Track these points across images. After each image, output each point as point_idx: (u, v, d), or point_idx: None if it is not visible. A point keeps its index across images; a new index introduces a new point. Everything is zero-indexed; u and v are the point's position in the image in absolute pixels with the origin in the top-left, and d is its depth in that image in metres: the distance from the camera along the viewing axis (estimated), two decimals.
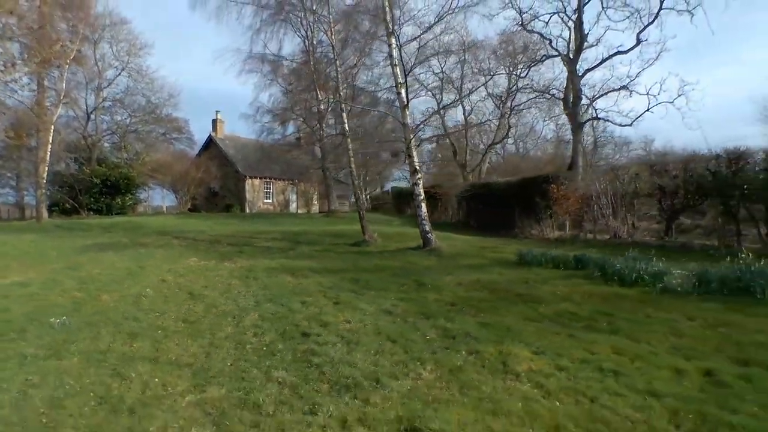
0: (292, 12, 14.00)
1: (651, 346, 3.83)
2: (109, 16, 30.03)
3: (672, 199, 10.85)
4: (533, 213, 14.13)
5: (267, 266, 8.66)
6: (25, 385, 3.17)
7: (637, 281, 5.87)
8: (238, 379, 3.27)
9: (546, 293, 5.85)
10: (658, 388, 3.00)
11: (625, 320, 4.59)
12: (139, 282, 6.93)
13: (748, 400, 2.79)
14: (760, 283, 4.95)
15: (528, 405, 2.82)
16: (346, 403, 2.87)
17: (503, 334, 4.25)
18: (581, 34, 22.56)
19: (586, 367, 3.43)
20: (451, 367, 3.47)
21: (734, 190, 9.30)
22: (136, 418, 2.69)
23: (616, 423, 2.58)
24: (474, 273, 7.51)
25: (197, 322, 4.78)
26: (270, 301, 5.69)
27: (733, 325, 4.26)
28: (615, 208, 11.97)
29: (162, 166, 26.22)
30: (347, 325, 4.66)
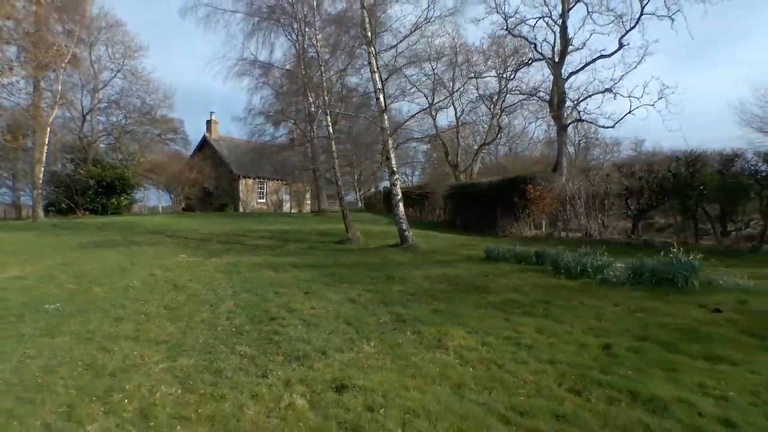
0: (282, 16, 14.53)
1: (571, 327, 4.39)
2: (104, 18, 30.56)
3: (638, 199, 11.45)
4: (512, 212, 14.70)
5: (252, 262, 9.22)
6: (23, 356, 3.71)
7: (582, 274, 6.45)
8: (206, 353, 3.82)
9: (499, 285, 6.42)
10: (558, 358, 3.56)
11: (559, 307, 5.16)
12: (129, 276, 7.46)
13: (626, 366, 3.35)
14: (683, 273, 5.53)
15: (444, 370, 3.38)
16: (293, 369, 3.42)
17: (448, 319, 4.81)
18: (565, 38, 23.15)
19: (507, 342, 3.99)
20: (392, 344, 4.03)
21: (692, 190, 9.90)
22: (116, 379, 3.24)
23: (511, 382, 3.15)
24: (442, 268, 8.07)
25: (178, 308, 5.33)
26: (247, 291, 6.24)
27: (649, 309, 4.83)
28: (587, 207, 12.57)
29: (157, 167, 26.73)
30: (312, 311, 5.21)
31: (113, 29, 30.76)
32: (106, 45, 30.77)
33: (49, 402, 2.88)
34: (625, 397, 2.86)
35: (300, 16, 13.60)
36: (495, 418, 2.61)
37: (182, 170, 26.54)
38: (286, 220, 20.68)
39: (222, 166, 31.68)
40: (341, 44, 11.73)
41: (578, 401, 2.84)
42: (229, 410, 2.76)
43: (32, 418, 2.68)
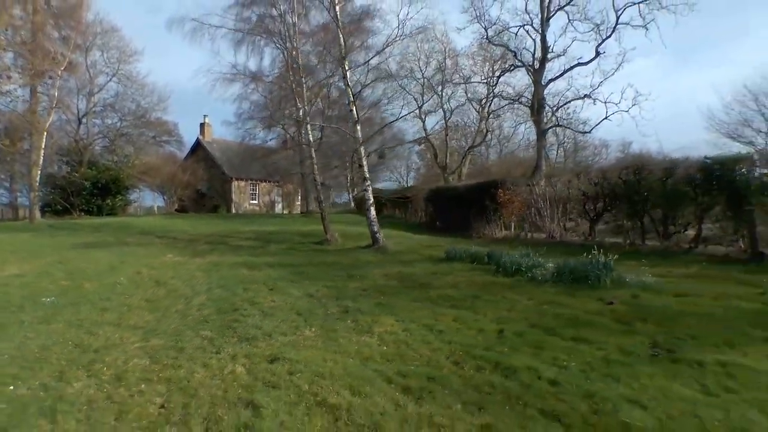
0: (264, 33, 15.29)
1: (483, 317, 5.25)
2: (100, 24, 31.29)
3: (594, 204, 12.33)
4: (485, 215, 15.57)
5: (232, 262, 10.07)
6: (24, 338, 4.56)
7: (516, 272, 7.31)
8: (175, 335, 4.67)
9: (443, 282, 7.28)
10: (457, 340, 4.42)
11: (484, 300, 6.02)
12: (118, 273, 8.31)
13: (506, 345, 4.21)
14: (596, 273, 6.40)
15: (361, 348, 4.23)
16: (242, 347, 4.27)
17: (385, 310, 5.66)
18: (545, 46, 24.08)
19: (424, 328, 4.85)
20: (329, 330, 4.88)
21: (639, 196, 10.79)
22: (98, 354, 4.09)
23: (410, 356, 4.00)
24: (401, 267, 8.93)
25: (157, 301, 6.18)
26: (221, 287, 7.09)
27: (556, 302, 5.70)
28: (551, 211, 13.46)
29: (151, 169, 27.52)
30: (272, 303, 6.06)
31: (108, 34, 31.52)
32: (101, 50, 31.52)
33: (45, 369, 3.73)
34: (490, 366, 3.72)
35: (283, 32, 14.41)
36: (381, 379, 3.47)
37: (176, 173, 27.36)
38: (274, 222, 21.50)
39: (215, 168, 32.50)
40: (321, 57, 12.53)
41: (453, 369, 3.70)
42: (183, 375, 3.61)
43: (32, 380, 3.53)
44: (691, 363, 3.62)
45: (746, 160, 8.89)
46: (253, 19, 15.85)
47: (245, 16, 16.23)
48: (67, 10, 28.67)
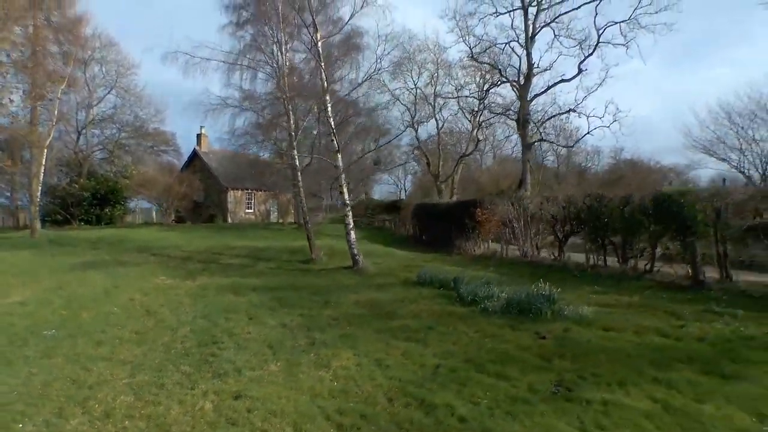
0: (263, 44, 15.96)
1: (429, 350, 6.00)
2: (99, 38, 32.12)
3: (563, 226, 13.10)
4: (465, 232, 16.36)
5: (219, 285, 10.83)
6: (29, 374, 5.31)
7: (472, 302, 8.07)
8: (158, 371, 5.43)
9: (407, 311, 8.03)
10: (398, 375, 5.16)
11: (437, 332, 6.77)
12: (112, 301, 9.07)
13: (438, 381, 4.96)
14: (537, 306, 7.16)
15: (314, 384, 4.97)
16: (213, 383, 5.03)
17: (347, 343, 6.41)
18: (530, 62, 24.89)
19: (374, 363, 5.60)
20: (293, 364, 5.63)
21: (600, 221, 11.57)
22: (92, 391, 4.84)
23: (353, 393, 4.75)
24: (374, 292, 9.69)
25: (145, 333, 6.94)
26: (204, 317, 7.84)
27: (497, 336, 6.45)
28: (524, 231, 14.23)
29: (148, 181, 28.29)
30: (248, 335, 6.82)
31: (107, 48, 32.35)
32: (100, 63, 32.38)
33: (47, 406, 4.49)
34: (416, 403, 4.48)
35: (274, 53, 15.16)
36: (322, 417, 4.22)
37: (172, 184, 28.12)
38: (265, 235, 22.27)
39: (211, 179, 33.29)
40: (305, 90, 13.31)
41: (386, 406, 4.45)
42: (161, 411, 4.36)
43: (36, 417, 4.28)
44: (581, 401, 4.37)
45: (690, 194, 9.65)
46: (246, 38, 16.62)
47: (239, 35, 17.02)
48: (66, 26, 29.44)
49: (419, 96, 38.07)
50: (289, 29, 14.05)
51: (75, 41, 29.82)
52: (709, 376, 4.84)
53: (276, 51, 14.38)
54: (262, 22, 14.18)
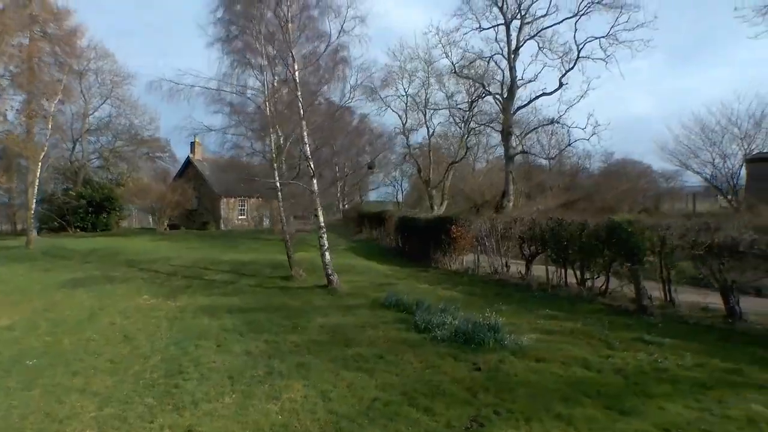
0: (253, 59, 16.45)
1: (374, 382, 6.62)
2: (94, 50, 32.74)
3: (529, 246, 13.73)
4: (441, 247, 16.99)
5: (198, 306, 11.47)
6: (9, 407, 5.95)
7: (426, 329, 8.70)
8: (124, 403, 6.07)
9: (366, 337, 8.66)
10: (336, 408, 5.79)
11: (386, 362, 7.39)
12: (94, 325, 9.72)
13: (369, 416, 5.59)
14: (479, 336, 7.79)
15: (260, 418, 5.59)
16: (171, 417, 5.66)
17: (302, 372, 7.05)
18: (513, 76, 25.49)
19: (320, 395, 6.22)
20: (247, 395, 6.27)
21: (560, 244, 12.20)
22: (62, 425, 5.48)
23: (293, 427, 5.38)
24: (341, 316, 10.33)
25: (119, 362, 7.58)
26: (176, 344, 8.47)
27: (438, 368, 7.07)
28: (495, 249, 14.87)
29: (141, 191, 28.94)
30: (212, 364, 7.46)
31: (102, 59, 32.95)
32: (96, 74, 33.00)
33: None
34: None
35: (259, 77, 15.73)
36: None
37: (164, 194, 28.78)
38: (254, 246, 22.92)
39: (204, 186, 33.92)
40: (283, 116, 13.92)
41: None
42: None
43: None
44: None
45: (637, 223, 10.28)
46: (246, 44, 17.14)
47: (228, 50, 17.60)
48: (62, 38, 30.03)
49: (410, 103, 38.66)
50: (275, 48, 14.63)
51: (71, 53, 30.37)
52: (609, 412, 5.46)
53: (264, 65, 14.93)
54: (252, 36, 14.76)
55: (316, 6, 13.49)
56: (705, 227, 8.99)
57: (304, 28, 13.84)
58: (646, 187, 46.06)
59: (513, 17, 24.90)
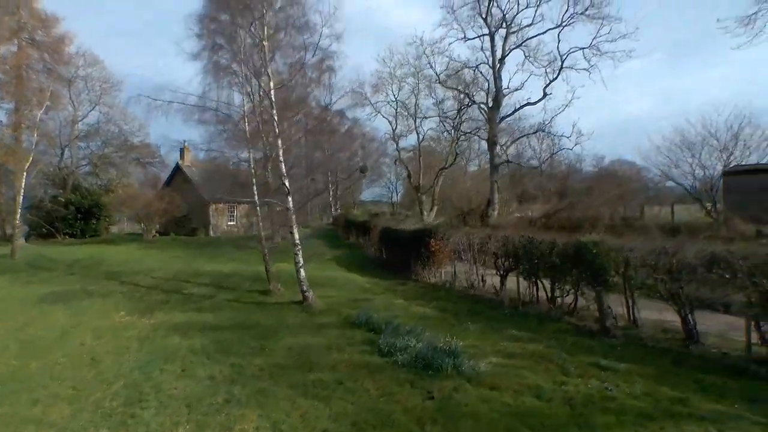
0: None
1: (329, 410, 6.74)
2: (83, 57, 32.77)
3: (503, 262, 13.88)
4: (421, 260, 17.14)
5: (173, 323, 11.58)
6: None
7: (389, 353, 8.83)
8: None
9: (329, 360, 8.78)
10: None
11: (344, 389, 7.51)
12: (64, 346, 9.82)
13: None
14: (439, 361, 7.93)
15: None
16: None
17: (260, 400, 7.16)
18: (498, 86, 25.66)
19: (271, 426, 6.34)
20: (201, 426, 6.39)
21: (531, 262, 12.36)
22: None
23: None
24: (311, 335, 10.45)
25: (82, 389, 7.68)
26: (142, 368, 8.57)
27: (393, 396, 7.19)
28: (473, 263, 15.02)
29: (129, 198, 28.99)
30: (174, 391, 7.57)
31: (91, 66, 32.98)
32: (84, 81, 33.02)
33: None
34: None
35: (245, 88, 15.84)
36: None
37: (152, 201, 28.83)
38: (238, 255, 23.05)
39: (194, 192, 33.97)
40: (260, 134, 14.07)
41: None
42: None
43: None
44: None
45: (602, 244, 10.44)
46: (222, 63, 17.27)
47: (214, 60, 17.70)
48: (51, 45, 30.05)
49: (400, 109, 38.79)
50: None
51: (59, 60, 30.39)
52: None
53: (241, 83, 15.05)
54: (228, 53, 14.87)
55: (292, 25, 13.61)
56: (664, 251, 9.15)
57: (279, 46, 13.96)
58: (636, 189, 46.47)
59: (498, 27, 25.10)
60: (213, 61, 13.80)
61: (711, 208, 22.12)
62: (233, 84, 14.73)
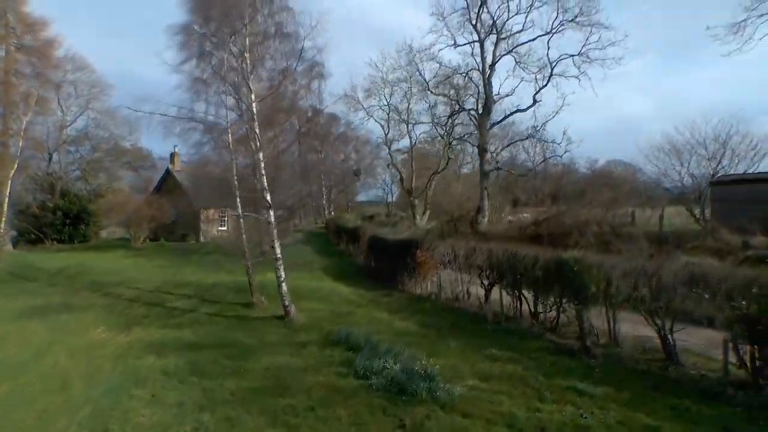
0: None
1: None
2: (71, 61, 32.46)
3: (487, 276, 13.77)
4: (408, 270, 17.00)
5: (150, 340, 11.41)
6: None
7: (365, 376, 8.68)
8: None
9: (305, 383, 8.60)
10: None
11: (315, 416, 7.34)
12: (38, 367, 9.65)
13: None
14: (414, 386, 7.80)
15: None
16: None
17: (227, 428, 7.02)
18: (489, 93, 25.54)
19: None
20: None
21: (514, 276, 12.25)
22: None
23: None
24: (289, 354, 10.29)
25: (46, 417, 7.50)
26: (111, 392, 8.41)
27: (364, 424, 7.06)
28: (457, 276, 14.90)
29: (117, 205, 28.73)
30: (141, 419, 7.40)
31: (80, 71, 32.69)
32: (73, 85, 32.72)
33: None
34: None
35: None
36: None
37: (141, 208, 28.57)
38: (225, 264, 22.75)
39: (184, 197, 33.71)
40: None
41: None
42: None
43: None
44: None
45: (583, 261, 10.34)
46: (204, 76, 17.09)
47: (202, 67, 17.52)
48: (39, 49, 29.76)
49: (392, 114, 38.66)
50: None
51: (47, 64, 30.14)
52: None
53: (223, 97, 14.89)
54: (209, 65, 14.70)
55: (280, 33, 13.44)
56: (643, 272, 9.05)
57: (266, 54, 13.81)
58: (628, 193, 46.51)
59: (488, 34, 24.97)
60: (194, 75, 13.62)
61: (699, 215, 22.05)
62: (217, 94, 14.55)
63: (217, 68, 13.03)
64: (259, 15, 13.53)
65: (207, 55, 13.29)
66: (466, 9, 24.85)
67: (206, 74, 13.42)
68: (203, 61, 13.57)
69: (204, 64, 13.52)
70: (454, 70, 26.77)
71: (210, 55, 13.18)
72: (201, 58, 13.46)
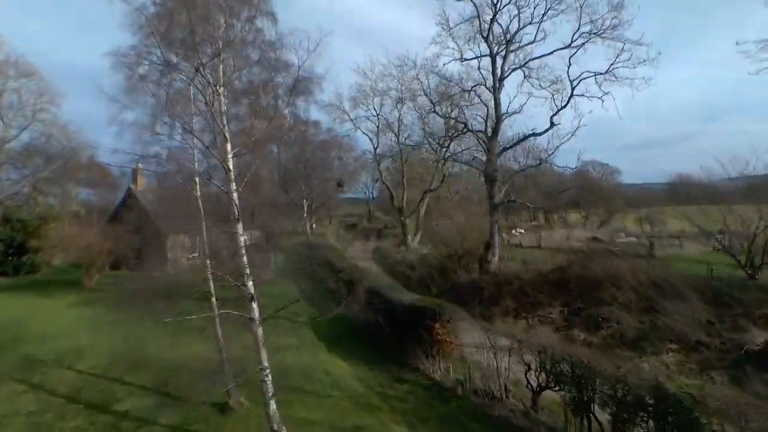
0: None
1: None
2: (15, 65, 28.03)
3: (536, 374, 10.70)
4: (421, 345, 13.82)
5: None
6: None
7: None
8: None
9: None
10: None
11: None
12: None
13: None
14: None
15: None
16: None
17: None
18: (498, 113, 22.49)
19: None
20: None
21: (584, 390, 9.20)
22: None
23: None
24: None
25: None
26: None
27: None
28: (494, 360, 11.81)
29: (64, 240, 24.63)
30: None
31: (25, 77, 28.30)
32: (17, 93, 28.26)
33: None
34: None
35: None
36: None
37: (94, 242, 24.45)
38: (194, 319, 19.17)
39: (149, 221, 29.67)
40: None
41: None
42: None
43: None
44: None
45: (699, 399, 7.36)
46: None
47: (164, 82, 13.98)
48: None
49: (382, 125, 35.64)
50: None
51: None
52: None
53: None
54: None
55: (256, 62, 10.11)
56: None
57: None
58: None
59: (498, 50, 21.86)
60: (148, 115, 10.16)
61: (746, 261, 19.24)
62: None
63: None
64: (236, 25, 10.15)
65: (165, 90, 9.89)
66: (477, 18, 21.61)
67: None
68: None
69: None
70: (461, 89, 23.55)
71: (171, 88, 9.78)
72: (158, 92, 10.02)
